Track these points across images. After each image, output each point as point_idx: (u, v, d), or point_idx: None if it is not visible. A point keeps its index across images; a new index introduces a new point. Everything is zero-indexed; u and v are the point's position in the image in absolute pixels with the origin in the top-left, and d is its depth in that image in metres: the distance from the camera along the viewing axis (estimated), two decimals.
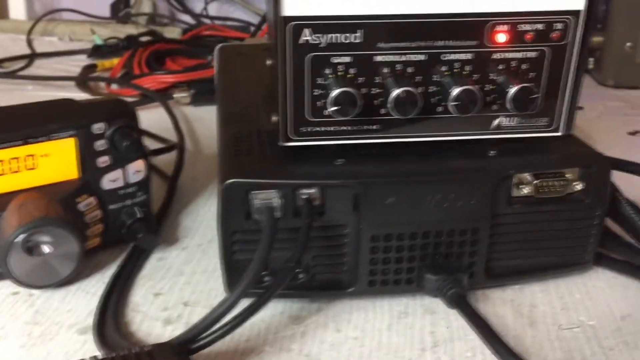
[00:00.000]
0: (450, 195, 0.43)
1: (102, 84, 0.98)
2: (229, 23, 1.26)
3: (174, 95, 0.87)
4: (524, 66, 0.43)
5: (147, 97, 0.89)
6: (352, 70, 0.42)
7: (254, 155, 0.45)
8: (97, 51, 1.13)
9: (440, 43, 0.42)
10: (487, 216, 0.44)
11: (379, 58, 0.42)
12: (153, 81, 0.92)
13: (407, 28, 0.41)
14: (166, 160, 0.67)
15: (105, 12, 1.31)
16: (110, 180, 0.51)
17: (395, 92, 0.41)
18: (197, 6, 1.34)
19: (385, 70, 0.42)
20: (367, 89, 0.42)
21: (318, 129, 0.44)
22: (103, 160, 0.50)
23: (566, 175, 0.45)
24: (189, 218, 0.58)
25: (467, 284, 0.44)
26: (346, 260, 0.45)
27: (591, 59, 1.10)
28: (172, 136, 0.74)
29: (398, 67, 0.42)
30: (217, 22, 1.28)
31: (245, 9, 1.32)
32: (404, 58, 0.42)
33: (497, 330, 0.41)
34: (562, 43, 0.43)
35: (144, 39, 1.14)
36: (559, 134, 0.46)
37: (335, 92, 0.41)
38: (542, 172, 0.45)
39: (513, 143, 0.46)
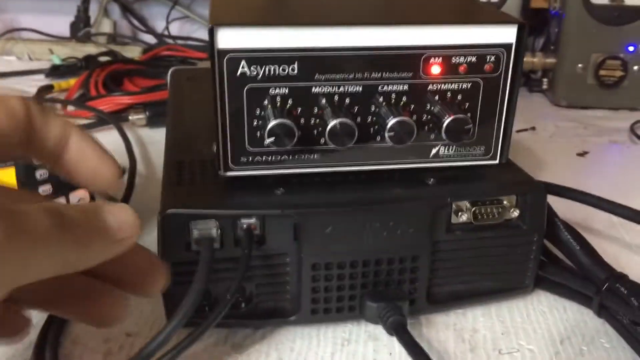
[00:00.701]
0: (389, 223, 0.44)
1: (58, 106, 0.97)
2: (191, 43, 1.27)
3: (130, 117, 0.87)
4: (458, 97, 0.44)
5: (103, 119, 0.89)
6: (290, 101, 0.42)
7: (195, 184, 0.45)
8: (56, 71, 1.12)
9: (376, 75, 0.43)
10: (426, 243, 0.45)
11: (316, 89, 0.43)
12: (109, 103, 0.91)
13: (343, 60, 0.42)
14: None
15: (65, 31, 1.30)
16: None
17: (331, 124, 0.41)
18: (159, 25, 1.34)
19: (323, 101, 0.43)
20: (306, 119, 0.43)
21: (258, 158, 0.44)
22: (44, 190, 0.49)
23: (503, 202, 0.46)
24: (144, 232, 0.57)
25: (407, 311, 0.45)
26: (288, 289, 0.45)
27: (545, 79, 1.13)
28: (125, 160, 0.74)
29: (335, 98, 0.43)
30: (179, 41, 1.28)
31: (207, 28, 1.32)
32: (341, 89, 0.43)
33: (435, 358, 0.42)
34: (495, 74, 0.44)
35: (103, 58, 1.14)
36: (495, 162, 0.47)
37: (271, 124, 0.41)
38: (479, 200, 0.45)
39: (452, 171, 0.46)
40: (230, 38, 0.40)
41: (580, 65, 1.01)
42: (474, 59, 0.43)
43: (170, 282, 0.43)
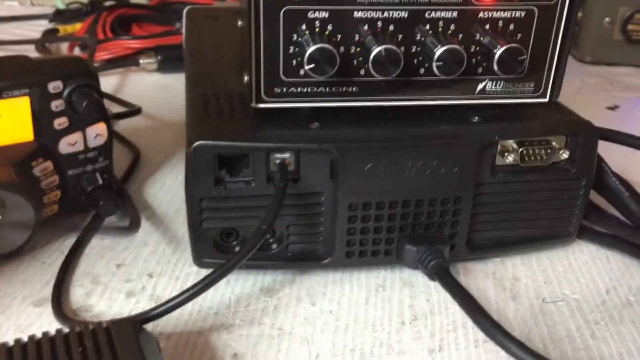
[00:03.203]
0: (432, 162, 0.41)
1: (65, 51, 0.93)
2: None
3: (140, 62, 0.83)
4: (510, 27, 0.41)
5: (111, 63, 0.85)
6: (329, 27, 0.39)
7: (223, 117, 0.42)
8: (60, 16, 1.08)
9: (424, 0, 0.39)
10: (470, 185, 0.42)
11: (358, 14, 0.39)
12: (118, 47, 0.87)
13: None
14: (129, 127, 0.64)
15: None
16: (69, 144, 0.47)
17: (376, 50, 0.38)
18: None
19: (365, 27, 0.39)
20: (346, 47, 0.40)
21: (293, 89, 0.41)
22: (60, 122, 0.46)
23: (552, 143, 0.43)
24: (154, 187, 0.55)
25: (448, 255, 0.42)
26: (322, 230, 0.42)
27: None
28: (138, 102, 0.70)
29: (379, 24, 0.39)
30: None
31: None
32: (385, 15, 0.39)
33: (480, 302, 0.39)
34: (551, 2, 0.40)
35: (109, 3, 1.09)
36: (545, 100, 0.44)
37: (311, 49, 0.38)
38: (527, 140, 0.42)
39: (498, 109, 0.43)
40: None
41: (607, 19, 0.97)
42: None
43: (198, 219, 0.41)
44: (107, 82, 0.80)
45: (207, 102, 0.44)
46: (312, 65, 0.38)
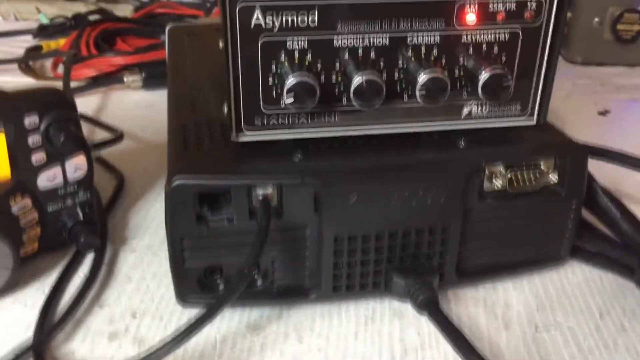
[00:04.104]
0: (419, 191, 0.40)
1: (48, 67, 0.92)
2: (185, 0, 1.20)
3: (125, 79, 0.82)
4: (495, 49, 0.40)
5: (96, 80, 0.84)
6: (309, 56, 0.38)
7: (204, 149, 0.41)
8: (43, 31, 1.06)
9: (405, 25, 0.38)
10: (457, 213, 0.41)
11: (338, 42, 0.38)
12: (102, 64, 0.86)
13: (368, 8, 0.37)
14: (113, 150, 0.62)
15: None
16: (48, 179, 0.46)
17: (357, 81, 0.37)
18: None
19: (346, 55, 0.38)
20: (327, 76, 0.39)
21: (274, 120, 0.40)
22: (38, 158, 0.45)
23: (541, 166, 0.42)
24: (139, 215, 0.54)
25: (438, 284, 0.41)
26: (308, 265, 0.41)
27: None
28: (122, 122, 0.69)
29: (359, 52, 0.38)
30: None
31: None
32: (365, 42, 0.38)
33: (470, 337, 0.38)
34: (536, 23, 0.39)
35: (93, 17, 1.08)
36: (533, 122, 0.43)
37: (290, 82, 0.37)
38: (515, 164, 0.41)
39: (485, 132, 0.42)
40: None
41: (596, 19, 0.96)
42: (513, 5, 0.39)
43: (180, 258, 0.40)
44: (90, 101, 0.79)
45: (187, 132, 0.43)
46: (291, 99, 0.37)
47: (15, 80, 0.87)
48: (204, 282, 0.41)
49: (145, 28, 1.02)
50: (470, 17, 0.38)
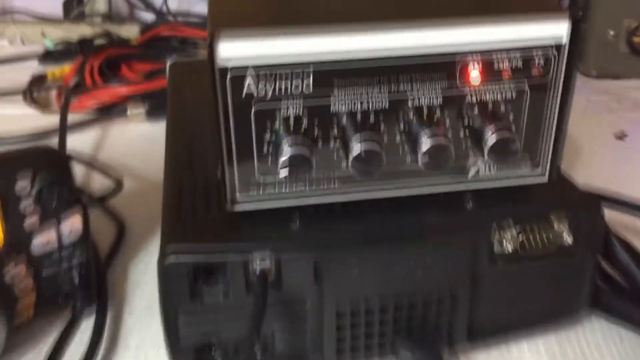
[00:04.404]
0: (425, 260, 0.38)
1: (53, 97, 0.91)
2: (191, 19, 1.19)
3: (128, 112, 0.81)
4: (501, 107, 0.37)
5: (100, 111, 0.83)
6: (305, 122, 0.36)
7: (198, 217, 0.39)
8: (49, 56, 1.05)
9: (405, 86, 0.36)
10: (467, 279, 0.39)
11: (335, 107, 0.36)
12: (106, 94, 0.85)
13: (365, 71, 0.35)
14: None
15: (58, 10, 1.22)
16: (42, 244, 0.44)
17: (356, 151, 0.35)
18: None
19: (343, 119, 0.36)
20: (324, 142, 0.37)
21: (270, 189, 0.38)
22: (31, 223, 0.44)
23: (554, 226, 0.40)
24: (139, 269, 0.52)
25: (448, 351, 0.39)
26: (309, 336, 0.39)
27: None
28: (123, 159, 0.68)
29: (357, 116, 0.36)
30: (179, 18, 1.20)
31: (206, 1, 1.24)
32: (364, 106, 0.36)
33: None
34: (545, 79, 0.37)
35: (99, 41, 1.07)
36: (544, 179, 0.40)
37: (285, 155, 0.35)
38: (526, 224, 0.39)
39: (493, 191, 0.40)
40: (232, 53, 0.34)
41: (611, 32, 0.93)
42: (519, 62, 0.36)
43: (175, 333, 0.38)
44: (92, 135, 0.77)
45: (183, 195, 0.42)
46: (286, 172, 0.35)
47: (19, 112, 0.86)
48: (200, 355, 0.39)
49: (150, 52, 1.00)
50: (474, 75, 0.36)
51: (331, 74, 0.35)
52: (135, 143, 0.75)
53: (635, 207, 0.46)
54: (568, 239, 0.40)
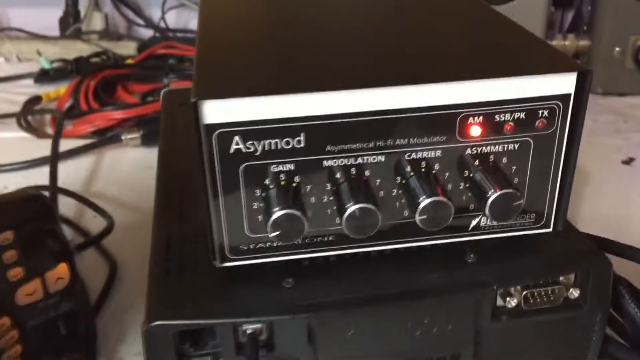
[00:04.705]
0: (424, 320, 0.36)
1: (48, 121, 0.89)
2: (189, 35, 1.17)
3: (123, 138, 0.79)
4: (504, 160, 0.36)
5: (95, 134, 0.81)
6: (297, 179, 0.34)
7: (186, 274, 0.38)
8: (45, 76, 1.04)
9: (402, 141, 0.34)
10: (468, 338, 0.37)
11: (328, 163, 0.34)
12: (101, 119, 0.83)
13: (359, 127, 0.34)
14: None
15: (55, 27, 1.21)
16: (26, 294, 0.43)
17: (350, 210, 0.33)
18: (155, 14, 1.25)
19: (337, 175, 0.35)
20: (317, 198, 0.35)
21: (261, 245, 0.36)
22: (14, 273, 0.42)
23: (560, 281, 0.38)
24: (129, 314, 0.51)
25: None
26: None
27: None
28: (117, 188, 0.67)
29: (352, 171, 0.35)
30: (176, 34, 1.19)
31: None
32: (358, 161, 0.34)
33: None
34: (549, 132, 0.35)
35: (95, 59, 1.05)
36: (549, 230, 0.38)
37: (275, 215, 0.33)
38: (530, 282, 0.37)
39: (496, 242, 0.38)
40: (219, 111, 0.32)
41: (617, 48, 0.91)
42: (522, 115, 0.35)
43: None
44: (86, 161, 0.76)
45: (171, 248, 0.40)
46: (276, 233, 0.33)
47: (13, 135, 0.85)
48: None
49: (147, 72, 0.99)
50: (475, 130, 0.34)
51: (323, 130, 0.33)
52: (130, 171, 0.74)
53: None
54: (574, 292, 0.38)
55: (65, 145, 0.76)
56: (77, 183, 0.69)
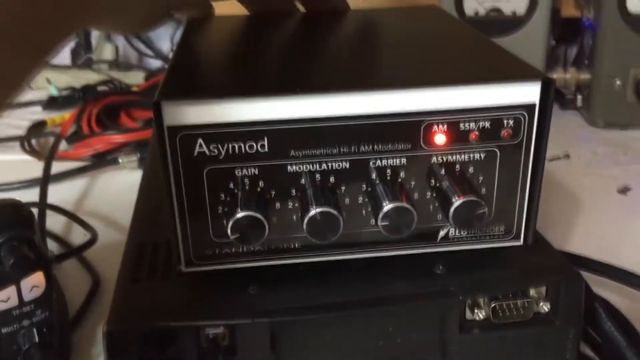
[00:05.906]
0: (388, 330, 0.35)
1: (50, 144, 0.91)
2: None
3: (120, 160, 0.80)
4: (470, 169, 0.36)
5: (95, 157, 0.83)
6: (261, 183, 0.35)
7: (153, 281, 0.38)
8: (53, 103, 1.06)
9: (367, 147, 0.34)
10: (435, 349, 0.37)
11: (292, 168, 0.35)
12: (101, 142, 0.84)
13: (324, 132, 0.34)
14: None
15: (67, 56, 1.24)
16: (1, 301, 0.43)
17: (310, 214, 0.33)
18: (166, 46, 1.28)
19: (302, 181, 0.35)
20: (282, 203, 0.35)
21: (227, 250, 0.36)
22: None
23: (530, 294, 0.37)
24: None
25: None
26: None
27: (579, 96, 1.03)
28: (109, 209, 0.67)
29: (317, 177, 0.35)
30: None
31: None
32: (323, 167, 0.35)
33: None
34: (515, 141, 0.35)
35: (101, 88, 1.08)
36: (519, 243, 0.38)
37: (235, 217, 0.33)
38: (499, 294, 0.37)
39: (465, 253, 0.38)
40: (182, 113, 0.33)
41: (618, 81, 0.91)
42: (487, 124, 0.35)
43: None
44: (81, 183, 0.77)
45: (143, 253, 0.40)
46: (236, 235, 0.33)
47: (16, 158, 0.87)
48: None
49: (150, 99, 1.00)
50: (439, 138, 0.34)
51: (287, 135, 0.34)
52: (124, 192, 0.74)
53: (619, 272, 0.43)
54: (545, 307, 0.37)
55: (62, 166, 0.77)
56: (69, 201, 0.70)
